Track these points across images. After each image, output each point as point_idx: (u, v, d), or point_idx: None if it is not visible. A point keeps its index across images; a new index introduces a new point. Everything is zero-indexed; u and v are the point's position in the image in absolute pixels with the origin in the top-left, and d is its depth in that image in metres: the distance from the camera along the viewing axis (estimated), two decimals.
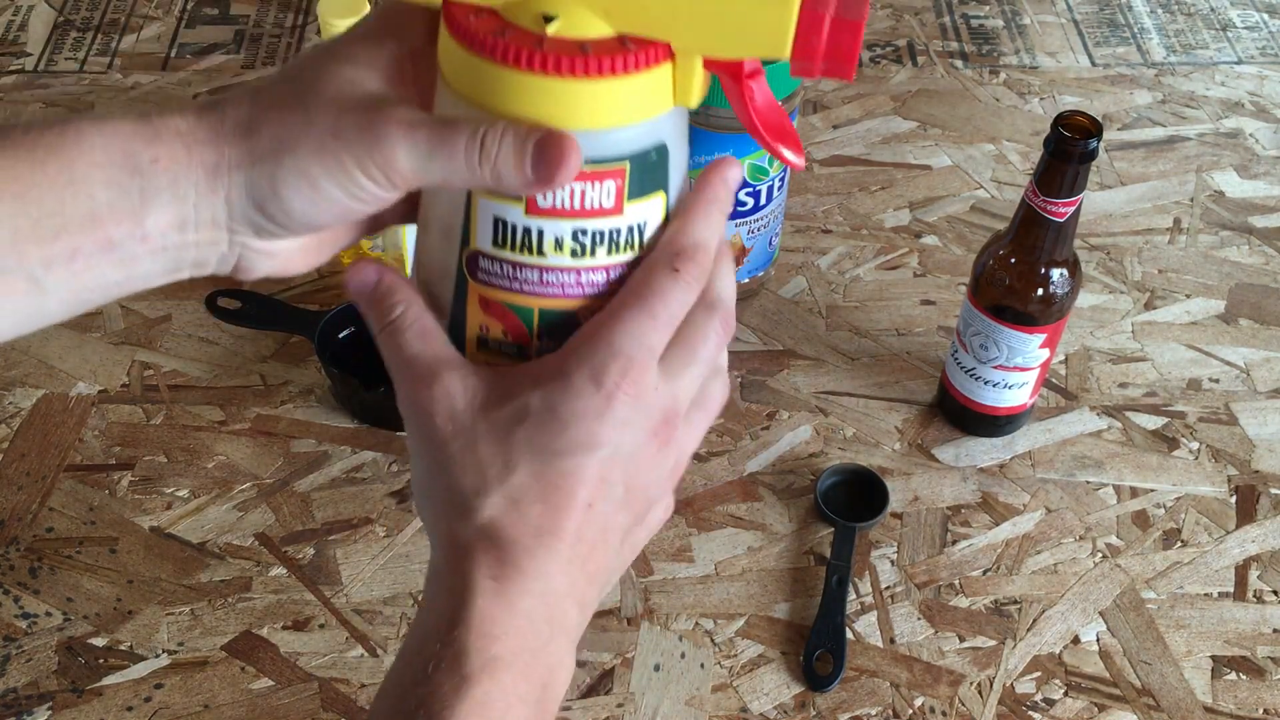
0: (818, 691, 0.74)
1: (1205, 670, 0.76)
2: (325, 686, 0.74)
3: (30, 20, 1.20)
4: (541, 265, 0.42)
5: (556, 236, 0.42)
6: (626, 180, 0.41)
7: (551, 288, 0.43)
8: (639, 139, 0.41)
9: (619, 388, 0.41)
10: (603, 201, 0.41)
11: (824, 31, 0.38)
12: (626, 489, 0.43)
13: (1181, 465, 0.86)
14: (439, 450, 0.43)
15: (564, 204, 0.41)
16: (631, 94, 0.40)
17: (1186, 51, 1.20)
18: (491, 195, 0.41)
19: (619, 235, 0.42)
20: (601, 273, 0.43)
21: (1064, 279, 0.77)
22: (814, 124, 1.10)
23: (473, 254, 0.43)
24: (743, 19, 0.39)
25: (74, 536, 0.80)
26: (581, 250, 0.42)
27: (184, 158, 0.39)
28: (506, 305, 0.43)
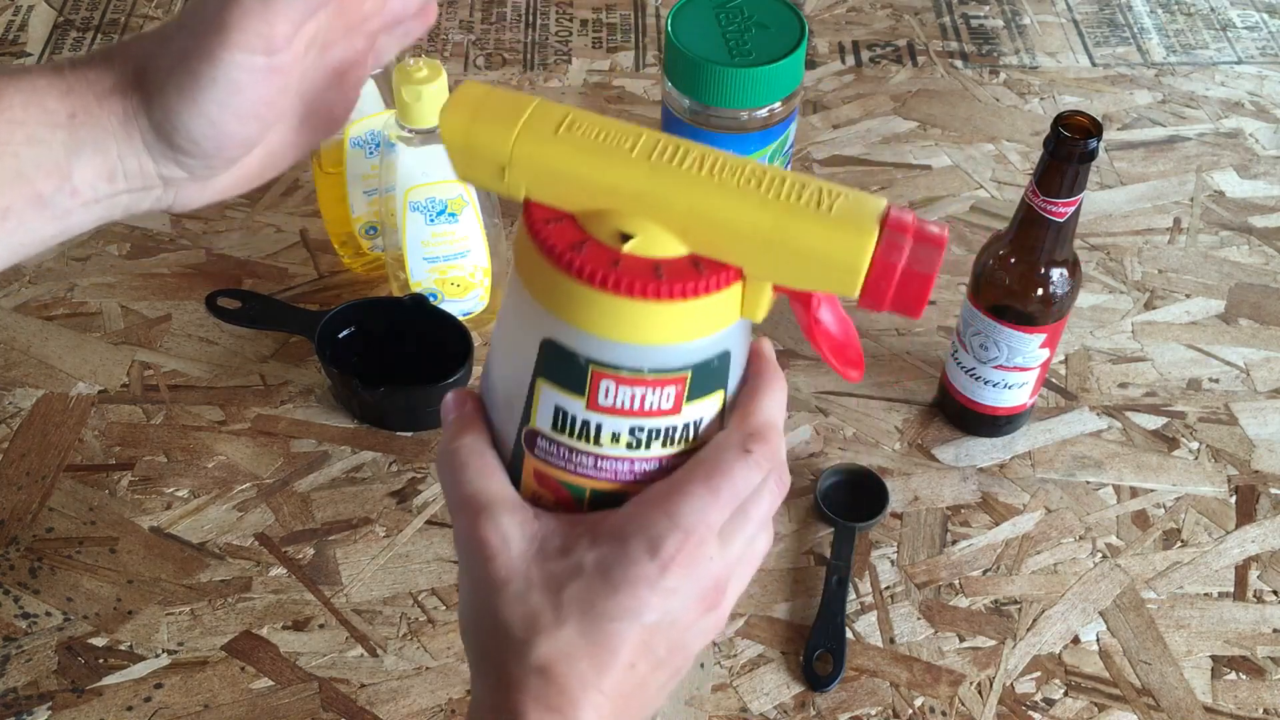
0: (818, 691, 0.74)
1: (1205, 670, 0.76)
2: (325, 686, 0.74)
3: (30, 20, 1.20)
4: (597, 454, 0.44)
5: (614, 431, 0.43)
6: (687, 385, 0.42)
7: (605, 473, 0.44)
8: (703, 351, 0.42)
9: (674, 560, 0.42)
10: (662, 405, 0.42)
11: (894, 280, 0.39)
12: (668, 650, 0.44)
13: (1181, 465, 0.86)
14: (493, 590, 0.43)
15: (624, 405, 0.42)
16: (699, 313, 0.41)
17: (1186, 51, 1.20)
18: (555, 386, 0.42)
19: (675, 431, 0.44)
20: (655, 462, 0.44)
21: (1064, 279, 0.77)
22: (814, 124, 1.10)
23: (531, 431, 0.44)
24: (816, 259, 0.40)
25: (74, 536, 0.80)
26: (637, 444, 0.43)
27: (97, 109, 0.40)
28: (560, 482, 0.45)
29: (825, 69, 1.16)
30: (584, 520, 0.44)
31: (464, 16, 1.22)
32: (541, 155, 0.41)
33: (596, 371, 0.42)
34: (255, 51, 0.41)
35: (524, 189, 0.42)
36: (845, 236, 0.39)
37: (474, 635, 0.45)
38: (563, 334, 0.41)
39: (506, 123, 0.41)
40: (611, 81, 1.14)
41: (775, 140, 0.85)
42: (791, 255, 0.40)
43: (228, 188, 0.47)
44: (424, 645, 0.76)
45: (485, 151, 0.41)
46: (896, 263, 0.39)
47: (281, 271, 0.96)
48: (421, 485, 0.84)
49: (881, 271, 0.39)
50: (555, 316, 0.41)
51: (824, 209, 0.40)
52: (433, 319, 0.87)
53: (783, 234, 0.40)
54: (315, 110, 0.47)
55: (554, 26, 1.21)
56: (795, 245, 0.40)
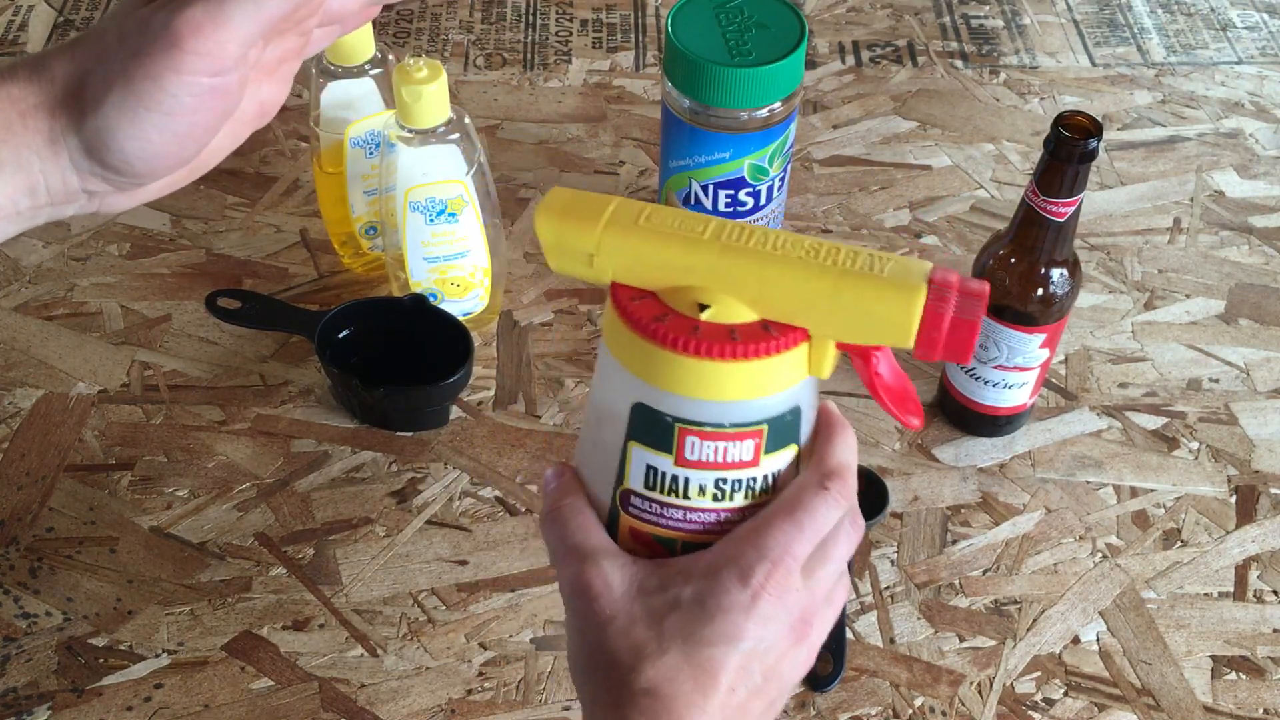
0: (818, 691, 0.74)
1: (1205, 670, 0.76)
2: (325, 686, 0.74)
3: (30, 20, 1.20)
4: (686, 506, 0.48)
5: (701, 484, 0.48)
6: (764, 439, 0.47)
7: (693, 524, 0.49)
8: (777, 406, 0.47)
9: (764, 588, 0.45)
10: (742, 457, 0.47)
11: (944, 328, 0.44)
12: (764, 678, 0.46)
13: (1181, 465, 0.86)
14: (599, 628, 0.46)
15: (708, 458, 0.47)
16: (771, 371, 0.46)
17: (1186, 51, 1.20)
18: (646, 446, 0.47)
19: (755, 483, 0.48)
20: (739, 514, 0.49)
21: (1064, 279, 0.77)
22: (814, 124, 1.10)
23: (626, 491, 0.49)
24: (873, 316, 0.45)
25: (74, 536, 0.80)
26: (722, 495, 0.48)
27: (20, 128, 0.39)
28: (654, 537, 0.49)
29: (825, 69, 1.16)
30: (678, 561, 0.48)
31: (464, 16, 1.22)
32: (625, 242, 0.47)
33: (683, 429, 0.46)
34: (203, 74, 0.40)
35: (610, 273, 0.47)
36: (899, 294, 0.44)
37: (585, 672, 0.48)
38: (651, 397, 0.46)
39: (592, 218, 0.47)
40: (611, 81, 1.14)
41: (775, 140, 0.85)
42: (851, 314, 0.45)
43: (154, 192, 0.46)
44: (424, 645, 0.76)
45: (575, 244, 0.47)
46: (945, 314, 0.44)
47: (281, 271, 0.96)
48: (421, 485, 0.84)
49: (932, 323, 0.44)
50: (644, 381, 0.46)
51: (877, 271, 0.45)
52: (433, 319, 0.87)
53: (842, 295, 0.45)
54: (247, 108, 0.46)
55: (554, 26, 1.21)
56: (854, 305, 0.45)
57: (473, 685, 0.74)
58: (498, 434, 0.87)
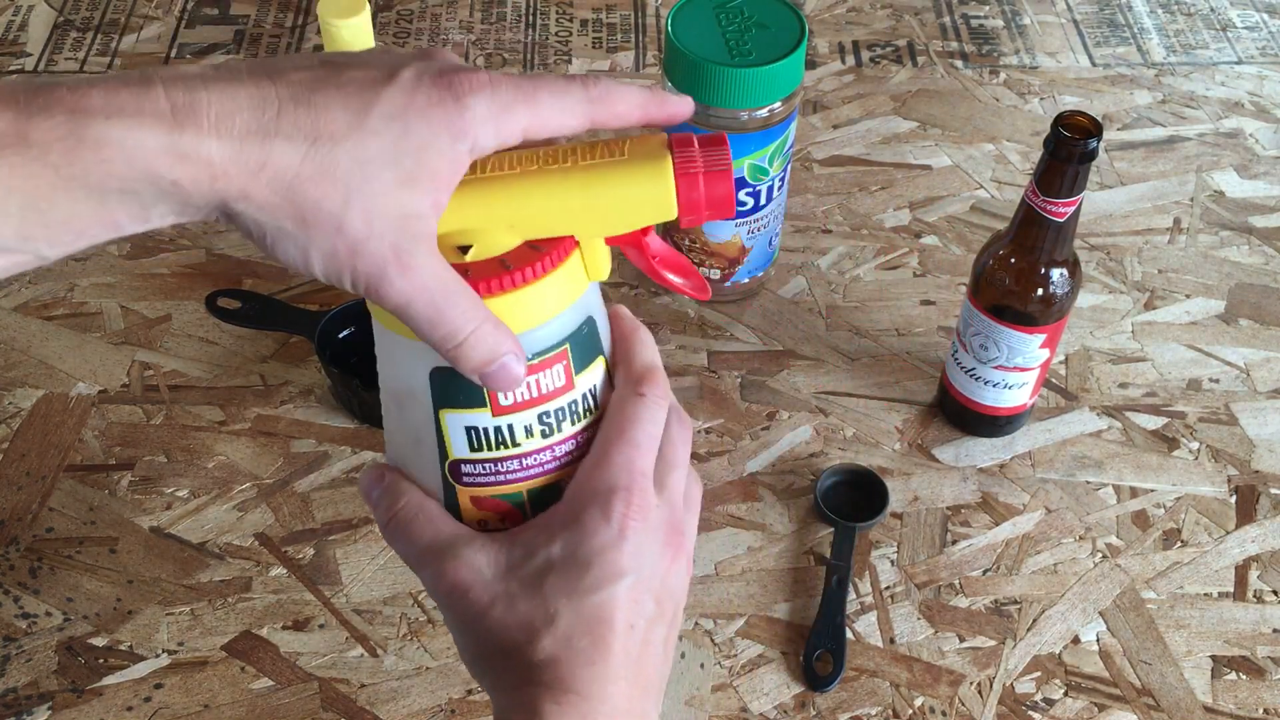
0: (818, 691, 0.74)
1: (1205, 670, 0.76)
2: (325, 686, 0.74)
3: (30, 20, 1.20)
4: (519, 454, 0.46)
5: (526, 425, 0.46)
6: (570, 358, 0.45)
7: (532, 469, 0.47)
8: (572, 321, 0.45)
9: (627, 517, 0.44)
10: (555, 383, 0.45)
11: (700, 188, 0.43)
12: (657, 602, 0.46)
13: (1181, 465, 0.86)
14: (481, 619, 0.45)
15: (524, 396, 0.45)
16: (555, 289, 0.44)
17: (1186, 51, 1.20)
18: (458, 409, 0.45)
19: (576, 405, 0.47)
20: (571, 442, 0.47)
21: (1064, 279, 0.77)
22: (814, 124, 1.10)
23: (453, 463, 0.47)
24: (630, 200, 0.44)
25: (74, 536, 0.80)
26: (550, 430, 0.46)
27: (206, 189, 0.38)
28: (496, 497, 0.47)
29: (825, 69, 1.16)
30: (534, 524, 0.46)
31: (464, 16, 1.22)
32: None
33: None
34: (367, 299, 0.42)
35: None
36: (647, 170, 0.43)
37: (481, 663, 0.46)
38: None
39: None
40: None
41: (775, 140, 0.85)
42: (609, 206, 0.44)
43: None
44: (424, 645, 0.76)
45: None
46: (696, 173, 0.43)
47: (281, 271, 0.96)
48: None
49: (688, 186, 0.43)
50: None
51: (618, 157, 0.44)
52: None
53: (593, 191, 0.43)
54: None
55: (554, 26, 1.21)
56: (609, 196, 0.44)
57: (472, 685, 0.74)
58: None
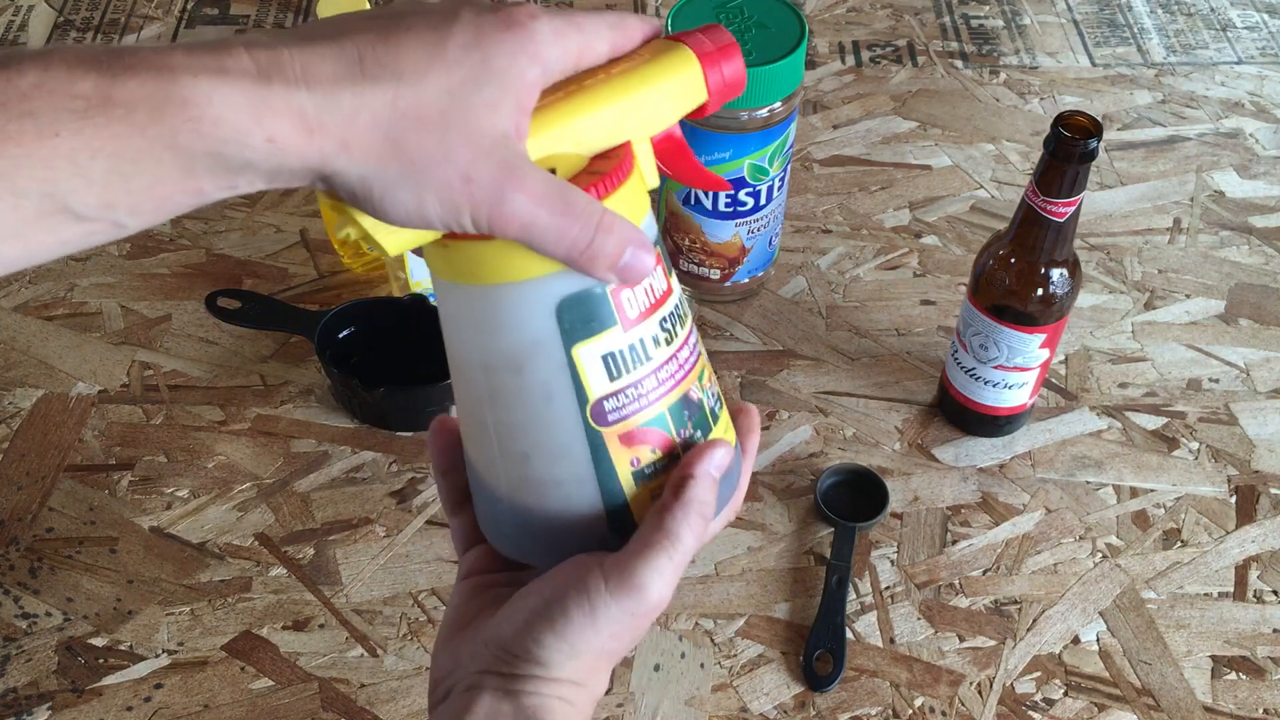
0: (818, 691, 0.74)
1: (1205, 670, 0.76)
2: (325, 686, 0.74)
3: (30, 20, 1.20)
4: (653, 369, 0.46)
5: (653, 335, 0.46)
6: (663, 259, 0.46)
7: (666, 383, 0.46)
8: (653, 223, 0.46)
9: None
10: (662, 286, 0.46)
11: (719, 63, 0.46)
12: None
13: (1181, 465, 0.86)
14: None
15: (644, 305, 0.45)
16: (638, 188, 0.45)
17: (1186, 51, 1.20)
18: (591, 339, 0.44)
19: (679, 307, 0.47)
20: (686, 347, 0.47)
21: (1064, 279, 0.77)
22: (814, 124, 1.10)
23: (597, 403, 0.45)
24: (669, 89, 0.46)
25: (74, 536, 0.80)
26: (671, 335, 0.46)
27: (301, 144, 0.37)
28: (644, 425, 0.46)
29: (825, 69, 1.16)
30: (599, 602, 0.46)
31: None
32: None
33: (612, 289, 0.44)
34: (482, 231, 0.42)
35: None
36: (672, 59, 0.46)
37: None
38: (571, 282, 0.43)
39: None
40: None
41: (775, 140, 0.85)
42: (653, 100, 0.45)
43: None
44: (424, 645, 0.76)
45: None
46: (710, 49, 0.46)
47: (281, 271, 0.96)
48: (421, 485, 0.84)
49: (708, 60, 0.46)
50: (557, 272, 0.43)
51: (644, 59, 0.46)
52: (433, 319, 0.86)
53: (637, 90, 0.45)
54: None
55: None
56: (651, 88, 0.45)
57: None
58: None
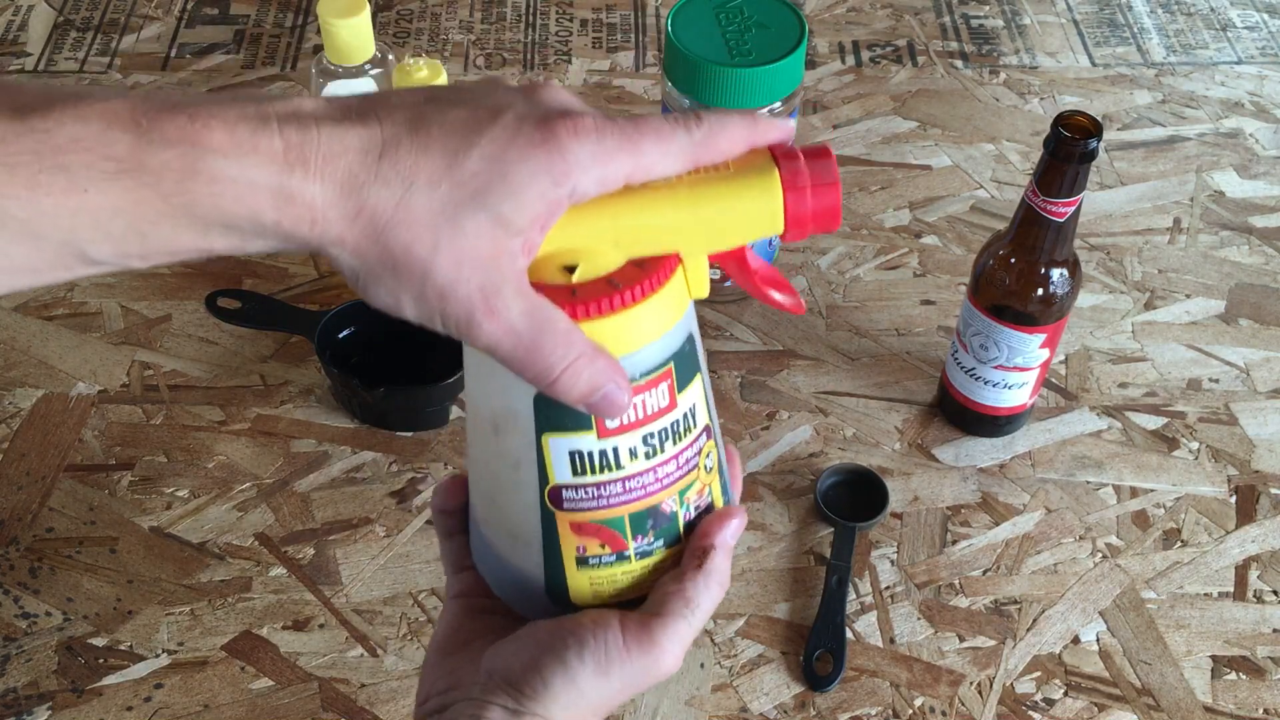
0: (818, 691, 0.74)
1: (1205, 670, 0.76)
2: (325, 686, 0.74)
3: (30, 20, 1.20)
4: (623, 477, 0.46)
5: (630, 447, 0.45)
6: (674, 377, 0.45)
7: (635, 492, 0.46)
8: (676, 340, 0.45)
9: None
10: (660, 404, 0.45)
11: (808, 201, 0.43)
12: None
13: (1181, 465, 0.86)
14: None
15: (630, 418, 0.44)
16: (661, 307, 0.43)
17: (1186, 51, 1.20)
18: (562, 433, 0.44)
19: (678, 424, 0.46)
20: (673, 462, 0.46)
21: (1064, 279, 0.77)
22: (814, 124, 1.10)
23: (554, 489, 0.46)
24: (738, 214, 0.43)
25: (74, 536, 0.80)
26: (653, 451, 0.46)
27: (305, 232, 0.38)
28: (599, 522, 0.47)
29: (825, 69, 1.16)
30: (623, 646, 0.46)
31: (464, 16, 1.22)
32: None
33: None
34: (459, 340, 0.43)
35: None
36: (753, 182, 0.42)
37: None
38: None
39: None
40: (611, 81, 1.14)
41: None
42: (717, 220, 0.43)
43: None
44: (424, 645, 0.76)
45: None
46: (804, 186, 0.42)
47: (281, 271, 0.96)
48: (421, 485, 0.84)
49: (796, 200, 0.43)
50: None
51: (724, 171, 0.43)
52: None
53: (702, 206, 0.42)
54: None
55: (554, 26, 1.21)
56: (718, 210, 0.42)
57: None
58: None
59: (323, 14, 0.83)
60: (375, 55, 0.87)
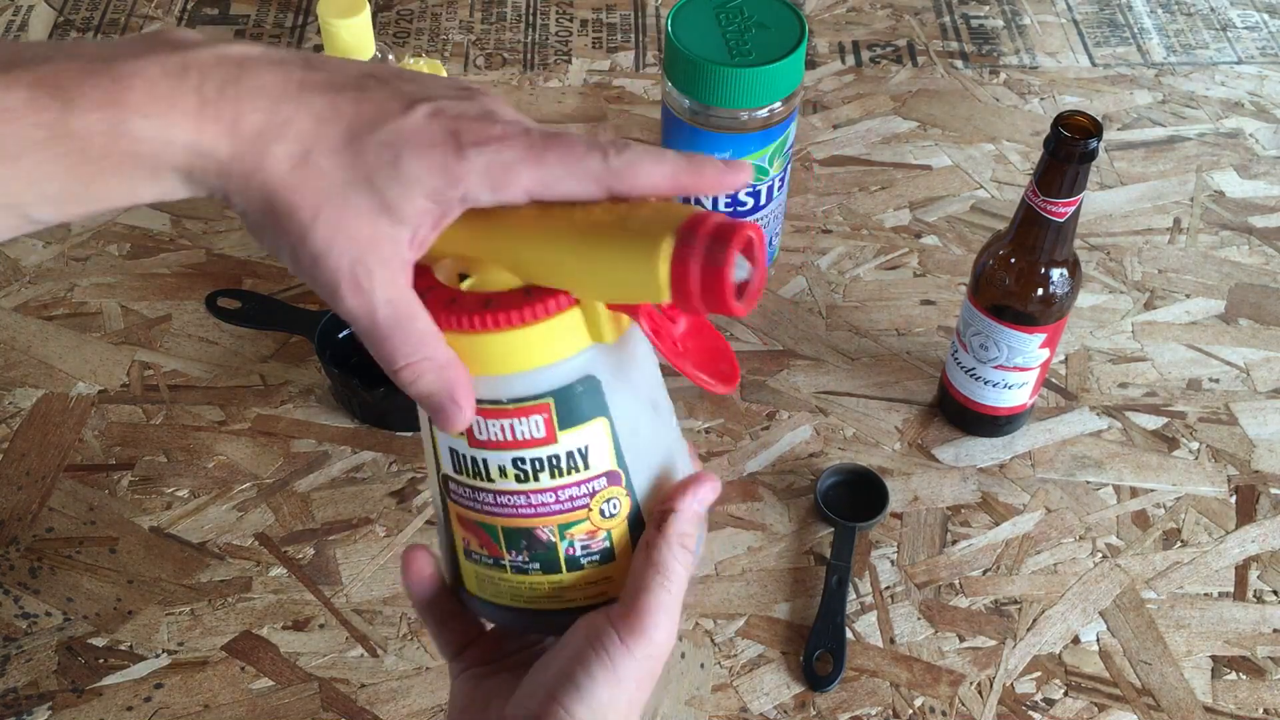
0: (818, 691, 0.74)
1: (1205, 670, 0.76)
2: (325, 686, 0.74)
3: (30, 20, 1.20)
4: (493, 489, 0.45)
5: (500, 465, 0.45)
6: (554, 413, 0.43)
7: (506, 509, 0.46)
8: (559, 377, 0.43)
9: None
10: (533, 433, 0.44)
11: (693, 279, 0.39)
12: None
13: (1181, 465, 0.86)
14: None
15: (497, 437, 0.44)
16: (539, 340, 0.42)
17: (1186, 51, 1.20)
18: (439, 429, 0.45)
19: (559, 461, 0.44)
20: (550, 494, 0.45)
21: (1064, 279, 0.77)
22: (814, 124, 1.10)
23: (444, 476, 0.47)
24: (620, 272, 0.40)
25: (74, 536, 0.80)
26: (524, 476, 0.45)
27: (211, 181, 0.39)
28: (475, 523, 0.47)
29: (825, 69, 1.16)
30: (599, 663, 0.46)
31: (464, 16, 1.22)
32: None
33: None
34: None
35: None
36: (641, 244, 0.39)
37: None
38: None
39: None
40: (611, 81, 1.14)
41: (775, 140, 0.85)
42: (600, 272, 0.40)
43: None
44: (424, 645, 0.76)
45: None
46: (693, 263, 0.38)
47: (281, 271, 0.96)
48: (421, 485, 0.84)
49: (680, 273, 0.39)
50: None
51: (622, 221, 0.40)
52: None
53: (585, 253, 0.40)
54: None
55: (554, 26, 1.21)
56: (600, 262, 0.40)
57: None
58: None
59: (323, 14, 0.83)
60: (375, 55, 0.87)
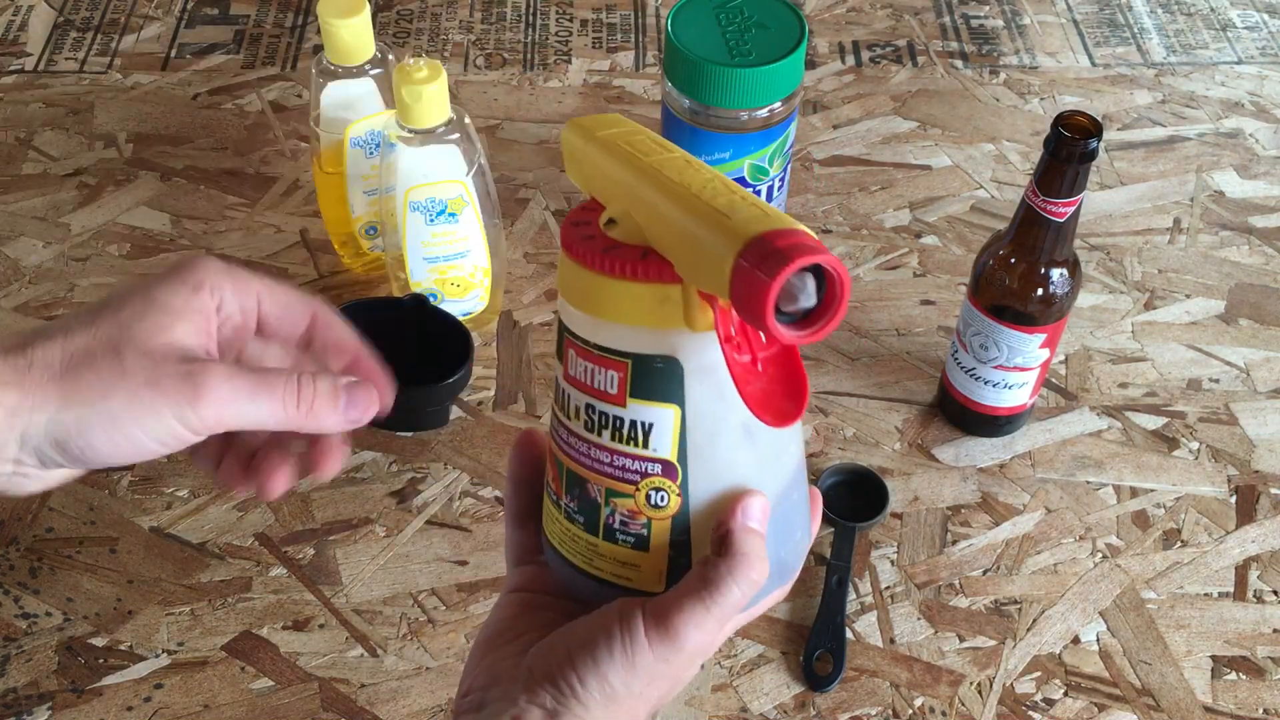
0: (818, 691, 0.74)
1: (1205, 670, 0.76)
2: (325, 686, 0.74)
3: (30, 20, 1.20)
4: (568, 427, 0.47)
5: (577, 405, 0.47)
6: (629, 375, 0.44)
7: (572, 451, 0.48)
8: (643, 344, 0.44)
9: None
10: (607, 387, 0.45)
11: (740, 283, 0.38)
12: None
13: (1181, 465, 0.86)
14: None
15: (580, 377, 0.46)
16: (630, 298, 0.43)
17: (1186, 51, 1.20)
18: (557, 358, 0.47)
19: (622, 425, 0.46)
20: (607, 454, 0.46)
21: (1064, 279, 0.77)
22: (814, 124, 1.10)
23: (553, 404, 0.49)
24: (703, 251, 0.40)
25: (74, 536, 0.80)
26: (590, 425, 0.46)
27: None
28: (553, 455, 0.49)
29: (825, 69, 1.16)
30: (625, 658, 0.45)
31: (464, 16, 1.22)
32: (590, 153, 0.47)
33: (566, 338, 0.46)
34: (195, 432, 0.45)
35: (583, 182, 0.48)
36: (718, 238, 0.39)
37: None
38: (561, 306, 0.47)
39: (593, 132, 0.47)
40: (611, 81, 1.14)
41: (775, 140, 0.85)
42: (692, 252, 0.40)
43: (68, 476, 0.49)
44: (424, 645, 0.76)
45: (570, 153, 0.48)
46: (746, 264, 0.38)
47: (281, 271, 0.96)
48: (421, 485, 0.84)
49: (735, 273, 0.38)
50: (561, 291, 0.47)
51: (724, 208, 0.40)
52: (433, 319, 0.86)
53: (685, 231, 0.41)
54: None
55: (554, 26, 1.21)
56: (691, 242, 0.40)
57: None
58: (498, 434, 0.87)
59: (323, 14, 0.83)
60: (375, 55, 0.87)
